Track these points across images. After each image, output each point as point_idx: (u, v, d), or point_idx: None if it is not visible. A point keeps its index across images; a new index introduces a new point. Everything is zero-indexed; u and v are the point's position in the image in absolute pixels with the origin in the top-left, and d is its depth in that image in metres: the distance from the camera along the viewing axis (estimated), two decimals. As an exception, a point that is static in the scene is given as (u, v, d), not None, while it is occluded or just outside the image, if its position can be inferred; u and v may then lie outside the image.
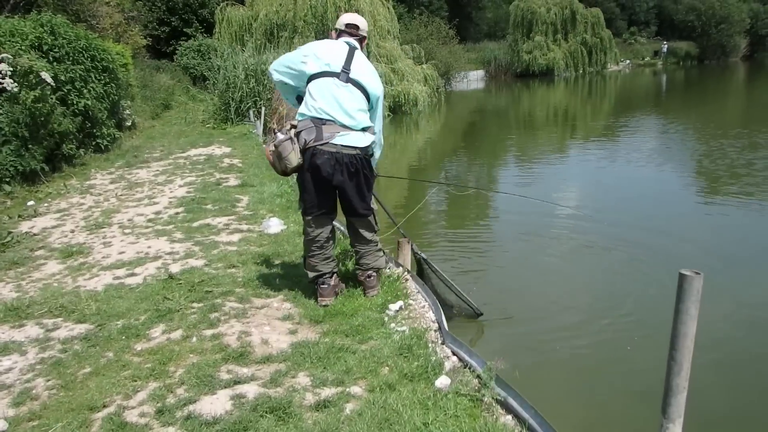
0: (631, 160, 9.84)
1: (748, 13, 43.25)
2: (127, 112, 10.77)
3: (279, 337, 2.89)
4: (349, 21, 3.35)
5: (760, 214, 6.41)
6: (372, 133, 3.22)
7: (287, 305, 3.30)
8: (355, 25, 3.33)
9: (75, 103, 7.85)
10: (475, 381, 2.39)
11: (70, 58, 7.95)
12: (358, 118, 3.14)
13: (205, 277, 3.73)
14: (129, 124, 10.79)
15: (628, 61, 41.16)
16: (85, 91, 8.16)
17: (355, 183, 3.15)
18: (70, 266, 4.10)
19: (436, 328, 2.97)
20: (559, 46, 34.32)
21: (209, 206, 5.65)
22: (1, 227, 5.05)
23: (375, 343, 2.77)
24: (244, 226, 4.94)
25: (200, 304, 3.30)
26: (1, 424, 2.19)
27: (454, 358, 2.65)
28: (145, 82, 14.74)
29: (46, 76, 6.90)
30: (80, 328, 3.06)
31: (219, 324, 3.04)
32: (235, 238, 4.63)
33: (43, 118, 6.70)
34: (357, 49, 3.25)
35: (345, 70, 3.13)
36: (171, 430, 2.16)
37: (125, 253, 4.33)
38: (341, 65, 3.13)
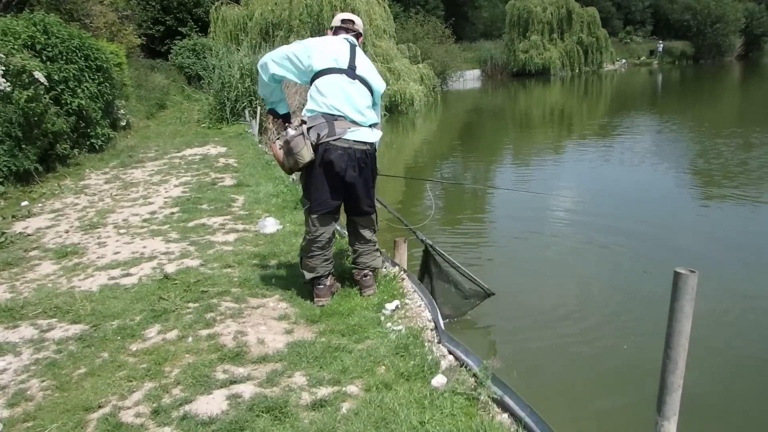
0: (626, 160, 9.87)
1: (744, 13, 43.31)
2: (122, 111, 10.74)
3: (275, 337, 2.89)
4: (345, 17, 3.36)
5: (754, 213, 6.44)
6: (379, 130, 3.24)
7: (283, 305, 3.29)
8: (350, 21, 3.34)
9: (69, 102, 7.82)
10: (472, 380, 2.39)
11: (64, 58, 7.93)
12: (367, 114, 3.16)
13: (201, 277, 3.72)
14: (123, 123, 10.75)
15: (624, 61, 41.28)
16: (79, 91, 8.13)
17: (363, 179, 3.16)
18: (65, 266, 4.08)
19: (433, 328, 2.97)
20: (555, 46, 34.37)
21: (205, 206, 5.63)
22: (-5, 228, 5.02)
23: (371, 343, 2.77)
24: (240, 226, 4.93)
25: (196, 304, 3.29)
26: (-5, 426, 2.19)
27: (451, 357, 2.66)
28: (139, 82, 14.69)
29: (40, 75, 6.86)
30: (75, 329, 3.04)
31: (215, 324, 3.04)
32: (231, 238, 4.61)
33: (36, 118, 6.67)
34: (356, 47, 3.26)
35: (352, 67, 3.14)
36: (167, 430, 2.16)
37: (120, 254, 4.32)
38: (347, 61, 3.14)
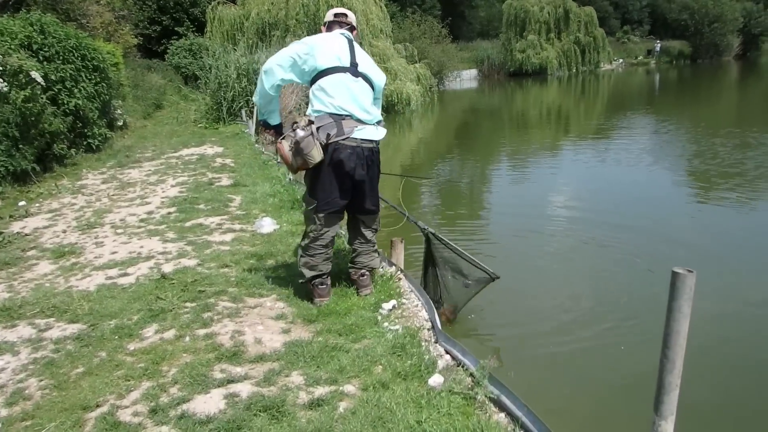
0: (623, 159, 9.88)
1: (741, 12, 43.32)
2: (119, 111, 10.72)
3: (272, 337, 2.89)
4: (338, 11, 3.37)
5: (751, 213, 6.46)
6: (384, 127, 3.25)
7: (280, 304, 3.30)
8: (343, 14, 3.35)
9: (66, 102, 7.81)
10: (469, 379, 2.40)
11: (60, 58, 7.91)
12: (372, 112, 3.18)
13: (198, 276, 3.72)
14: (120, 123, 10.74)
15: (622, 60, 41.33)
16: (76, 91, 8.12)
17: (370, 177, 3.18)
18: (62, 266, 4.08)
19: (430, 327, 2.98)
20: (552, 45, 34.42)
21: (202, 206, 5.63)
22: (-9, 228, 5.02)
23: (368, 342, 2.78)
24: (237, 226, 4.93)
25: (193, 304, 3.29)
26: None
27: (448, 357, 2.66)
28: (136, 82, 14.67)
29: (36, 75, 6.85)
30: (73, 328, 3.04)
31: (212, 323, 3.04)
32: (228, 237, 4.62)
33: (33, 118, 6.66)
34: (353, 41, 3.26)
35: (354, 64, 3.14)
36: (164, 429, 2.16)
37: (117, 253, 4.32)
38: (349, 59, 3.14)
